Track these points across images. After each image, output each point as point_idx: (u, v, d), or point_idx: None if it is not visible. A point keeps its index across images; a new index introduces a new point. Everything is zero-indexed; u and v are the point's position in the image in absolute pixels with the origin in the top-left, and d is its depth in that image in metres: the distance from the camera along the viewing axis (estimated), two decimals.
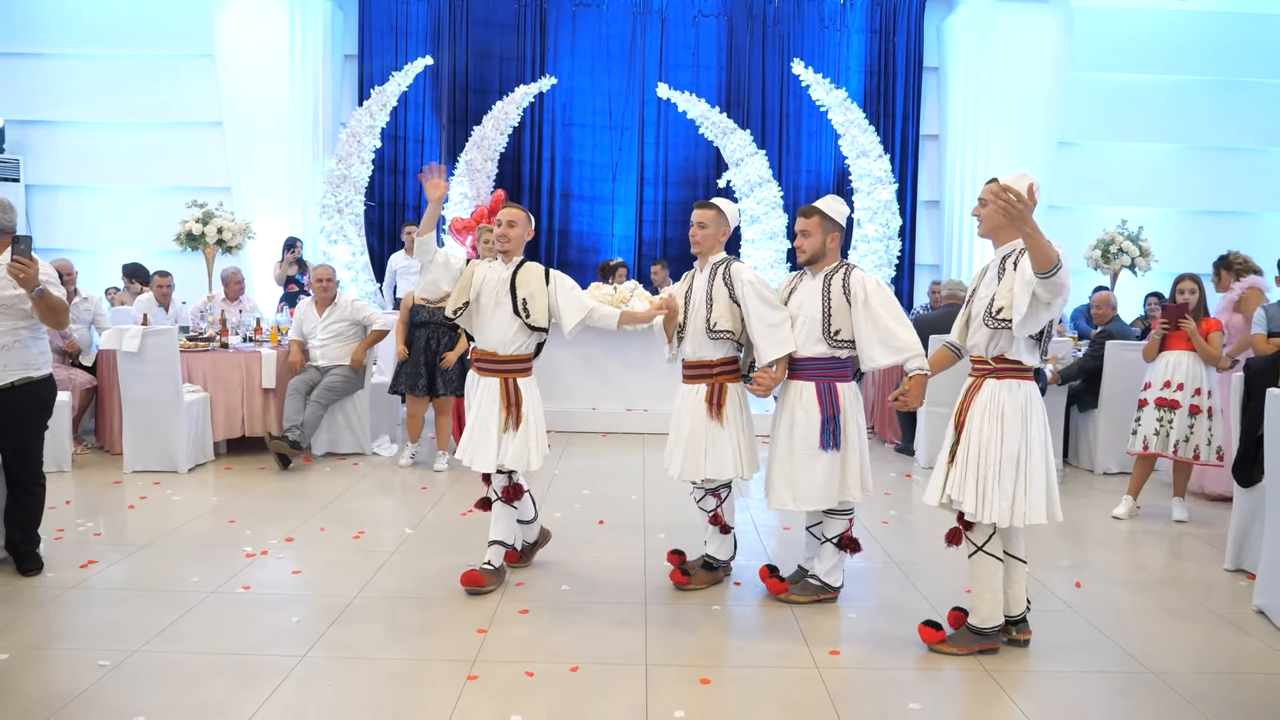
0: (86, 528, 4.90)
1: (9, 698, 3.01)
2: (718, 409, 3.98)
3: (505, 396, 4.00)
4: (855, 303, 3.79)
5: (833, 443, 3.80)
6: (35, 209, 10.69)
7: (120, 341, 6.00)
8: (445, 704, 3.02)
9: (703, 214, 4.08)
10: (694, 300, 4.07)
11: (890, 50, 10.93)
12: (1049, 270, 3.09)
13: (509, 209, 4.11)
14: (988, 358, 3.45)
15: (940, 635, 3.54)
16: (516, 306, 4.00)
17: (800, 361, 3.90)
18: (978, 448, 3.38)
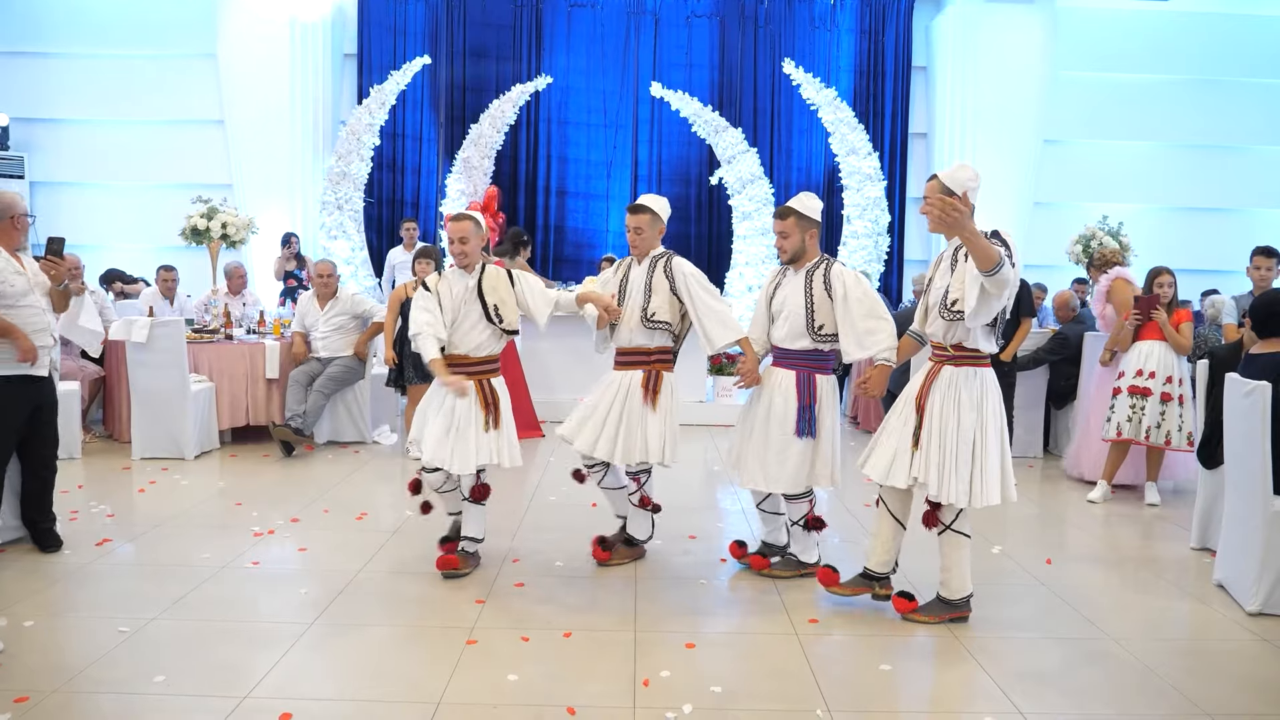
0: (99, 510, 5.10)
1: (38, 659, 3.21)
2: (653, 395, 4.11)
3: (483, 397, 4.03)
4: (836, 298, 3.93)
5: (808, 430, 3.96)
6: (40, 206, 10.86)
7: (129, 332, 6.20)
8: (446, 665, 3.22)
9: (637, 219, 4.20)
10: (631, 290, 4.22)
11: (879, 50, 11.15)
12: (992, 269, 3.24)
13: (458, 224, 4.07)
14: (946, 345, 3.63)
15: (913, 605, 3.74)
16: (489, 313, 4.06)
17: (785, 352, 4.07)
18: (939, 432, 3.55)
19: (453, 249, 4.10)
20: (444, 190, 10.56)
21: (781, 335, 4.07)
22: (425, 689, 3.04)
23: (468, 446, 3.96)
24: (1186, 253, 10.51)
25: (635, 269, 4.26)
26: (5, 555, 4.25)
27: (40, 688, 2.98)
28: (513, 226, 8.94)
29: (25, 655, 3.23)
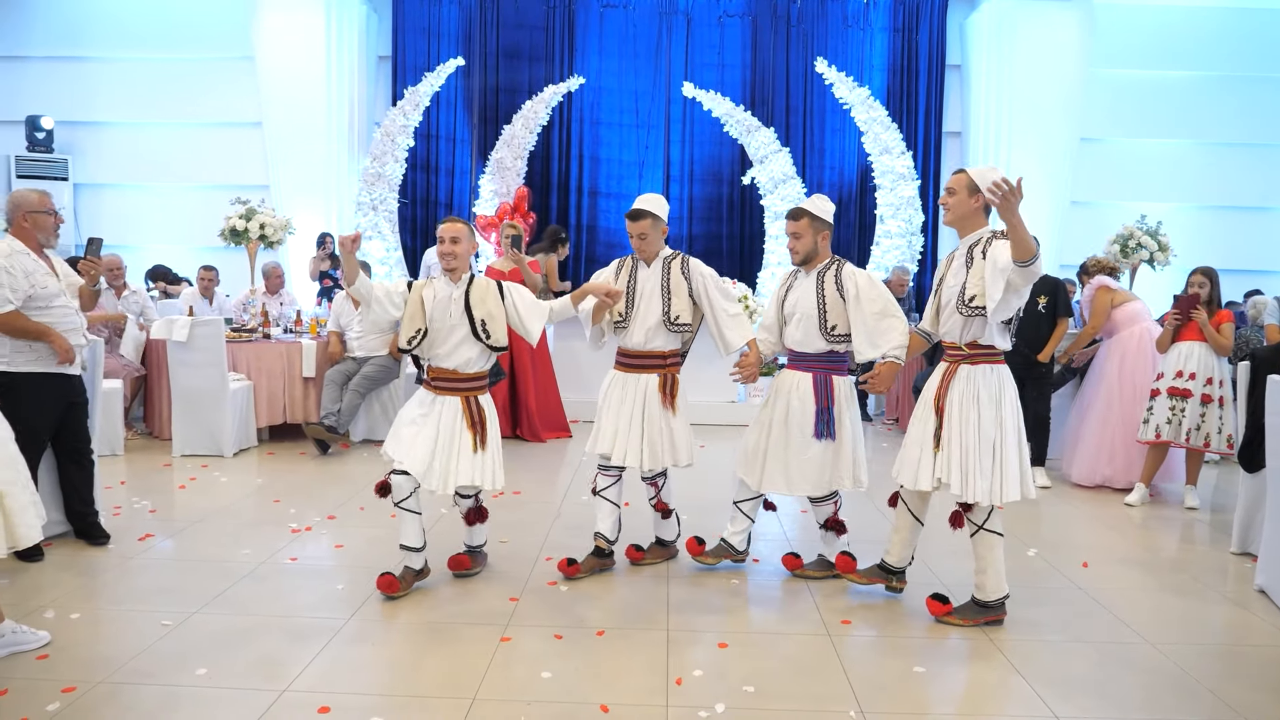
0: (141, 505, 5.20)
1: (85, 650, 3.29)
2: (671, 399, 4.09)
3: (469, 415, 3.84)
4: (849, 298, 3.95)
5: (827, 432, 3.96)
6: (83, 207, 11.08)
7: (170, 331, 6.32)
8: (481, 661, 3.26)
9: (639, 226, 4.10)
10: (644, 292, 4.13)
11: (913, 48, 11.07)
12: (1028, 260, 3.28)
13: (450, 224, 3.89)
14: (961, 344, 3.64)
15: (947, 608, 3.73)
16: (475, 329, 3.85)
17: (800, 355, 4.07)
18: (959, 432, 3.56)
19: (442, 250, 3.87)
20: (477, 191, 10.64)
21: (796, 338, 4.07)
22: (460, 685, 3.08)
23: (450, 466, 3.79)
24: (1228, 253, 10.34)
25: (644, 271, 4.17)
26: (52, 549, 4.35)
27: (87, 678, 3.06)
28: (551, 224, 8.99)
29: (72, 647, 3.31)
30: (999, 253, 3.42)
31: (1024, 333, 6.01)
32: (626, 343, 4.18)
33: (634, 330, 4.14)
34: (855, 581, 4.02)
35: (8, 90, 10.98)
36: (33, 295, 4.08)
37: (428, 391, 3.92)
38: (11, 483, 3.00)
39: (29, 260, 4.12)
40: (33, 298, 4.09)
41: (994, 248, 3.48)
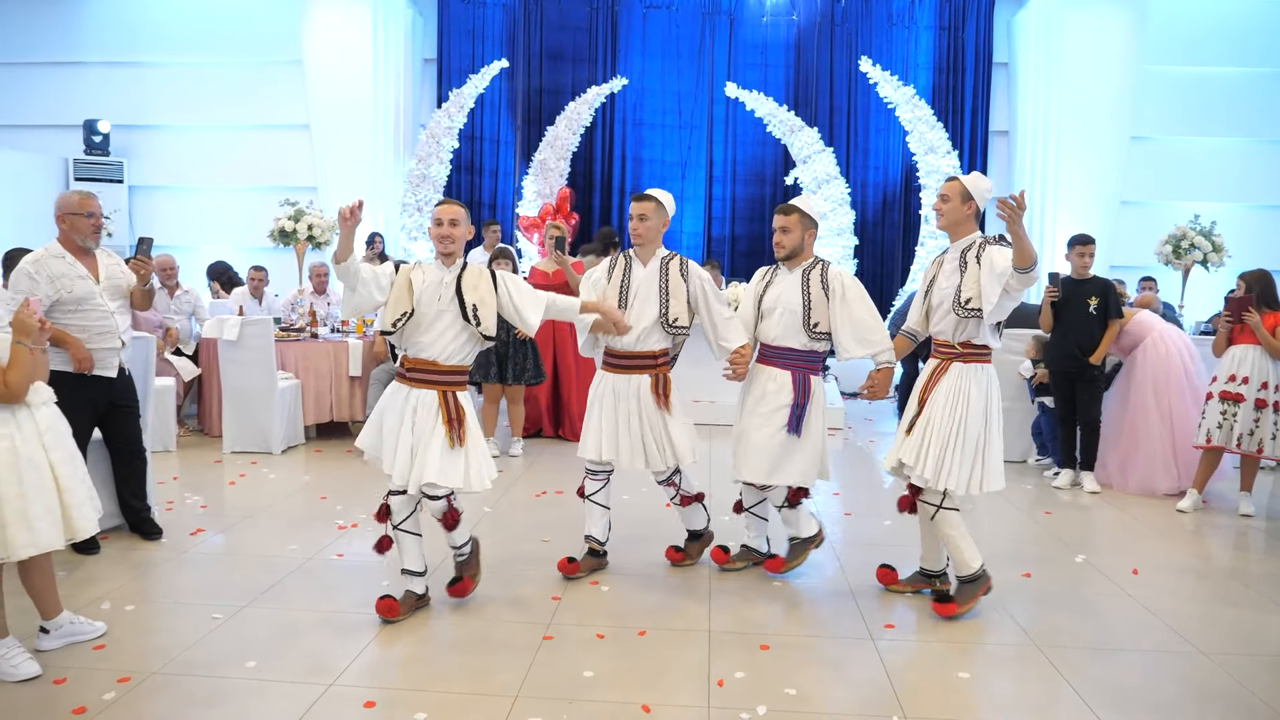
0: (193, 501, 5.32)
1: (139, 641, 3.38)
2: (665, 399, 4.05)
3: (446, 411, 3.54)
4: (834, 298, 3.98)
5: (796, 429, 3.98)
6: (138, 208, 11.35)
7: (221, 331, 6.45)
8: (523, 659, 3.29)
9: (643, 206, 4.08)
10: (639, 293, 4.08)
11: (959, 46, 10.94)
12: (1029, 266, 3.47)
13: (449, 206, 3.71)
14: (954, 343, 3.77)
15: (954, 606, 3.77)
16: (466, 313, 3.61)
17: (778, 351, 4.07)
18: (940, 422, 3.68)
19: (440, 233, 3.65)
20: (520, 192, 10.72)
21: (774, 334, 4.07)
22: (503, 682, 3.11)
23: (433, 461, 3.50)
24: None
25: (639, 270, 4.11)
26: (108, 543, 4.46)
27: (141, 669, 3.14)
28: (604, 227, 9.02)
29: (127, 638, 3.40)
30: (996, 258, 3.61)
31: (1076, 335, 5.93)
32: (616, 343, 4.09)
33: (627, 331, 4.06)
34: (898, 591, 4.03)
35: (67, 95, 11.28)
36: (60, 300, 4.08)
37: (401, 385, 3.64)
38: (70, 477, 3.09)
39: (60, 264, 4.11)
40: (60, 301, 4.08)
41: (989, 253, 3.66)
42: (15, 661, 3.05)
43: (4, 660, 3.05)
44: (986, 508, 5.61)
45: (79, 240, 4.18)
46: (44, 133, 11.20)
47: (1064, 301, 5.99)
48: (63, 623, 3.31)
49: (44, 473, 3.00)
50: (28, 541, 2.93)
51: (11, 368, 2.94)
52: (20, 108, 11.38)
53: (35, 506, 2.95)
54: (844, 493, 5.87)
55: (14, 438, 2.96)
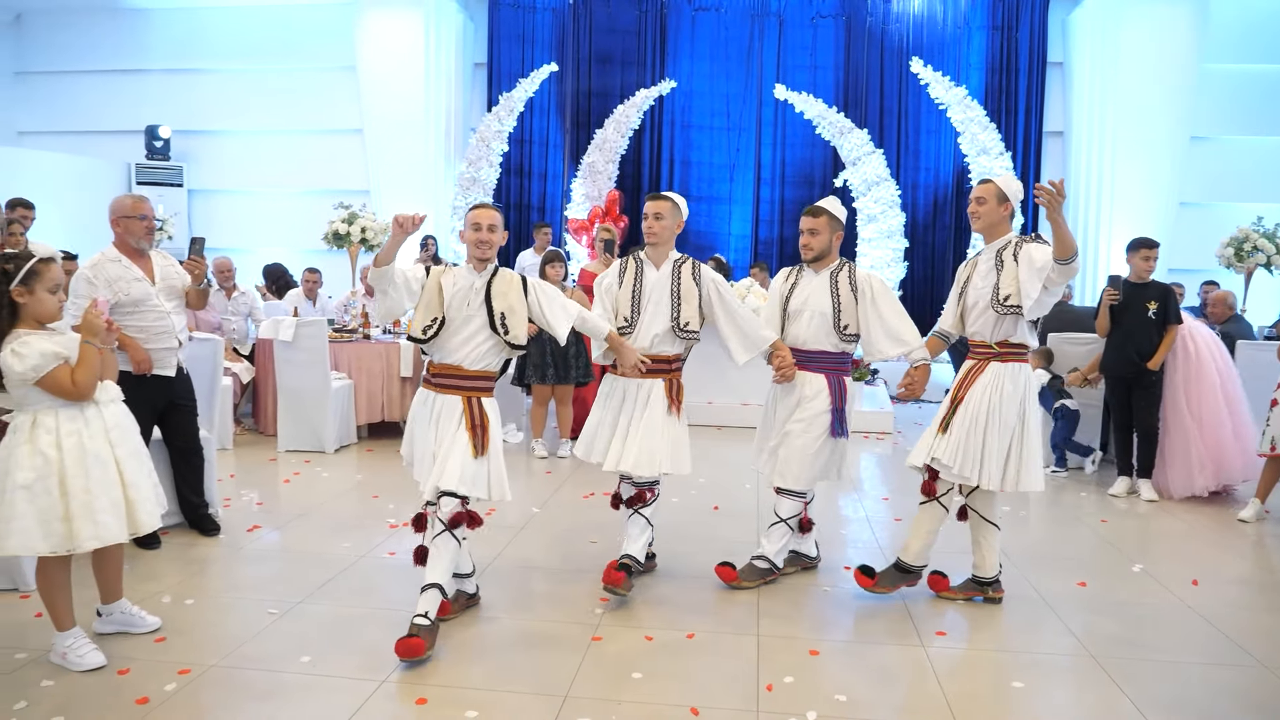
0: (249, 498, 5.43)
1: (199, 635, 3.46)
2: (678, 403, 4.00)
3: (470, 418, 3.45)
4: (863, 299, 4.00)
5: (843, 431, 4.01)
6: (196, 211, 11.63)
7: (277, 332, 6.58)
8: (572, 660, 3.31)
9: (659, 205, 4.03)
10: (652, 296, 4.00)
11: (1013, 46, 10.79)
12: (1069, 258, 3.51)
13: (489, 211, 3.59)
14: (991, 342, 3.82)
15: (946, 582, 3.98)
16: (494, 322, 3.52)
17: (809, 355, 4.06)
18: (975, 420, 3.73)
19: (479, 238, 3.53)
20: (569, 195, 10.78)
21: (803, 337, 4.06)
22: (552, 682, 3.13)
23: (446, 467, 3.39)
24: None
25: (652, 274, 4.04)
26: (168, 538, 4.57)
27: (200, 661, 3.21)
28: None
29: (187, 631, 3.48)
30: (1034, 253, 3.66)
31: (1135, 340, 5.81)
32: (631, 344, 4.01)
33: (640, 335, 4.00)
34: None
35: (129, 102, 11.60)
36: (118, 302, 4.17)
37: (427, 390, 3.58)
38: (134, 472, 3.18)
39: (116, 267, 4.21)
40: (118, 304, 4.16)
41: (1026, 250, 3.71)
42: (81, 652, 3.15)
43: (70, 651, 3.14)
44: (1040, 515, 5.53)
45: (133, 242, 4.28)
46: (108, 138, 11.54)
47: (1123, 306, 5.87)
48: (114, 610, 3.42)
49: (109, 468, 3.09)
50: (91, 534, 3.02)
51: (79, 367, 3.03)
52: (85, 114, 11.74)
53: (100, 500, 3.04)
54: (893, 498, 5.81)
55: (81, 434, 3.05)
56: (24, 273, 2.99)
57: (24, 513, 2.94)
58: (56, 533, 2.97)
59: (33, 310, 3.03)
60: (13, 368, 2.95)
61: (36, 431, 3.00)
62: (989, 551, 3.96)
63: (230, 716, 2.90)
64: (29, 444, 2.99)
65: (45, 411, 3.02)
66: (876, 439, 7.85)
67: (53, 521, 2.97)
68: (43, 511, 2.96)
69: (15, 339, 2.98)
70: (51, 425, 3.01)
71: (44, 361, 2.96)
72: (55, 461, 2.98)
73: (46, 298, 3.04)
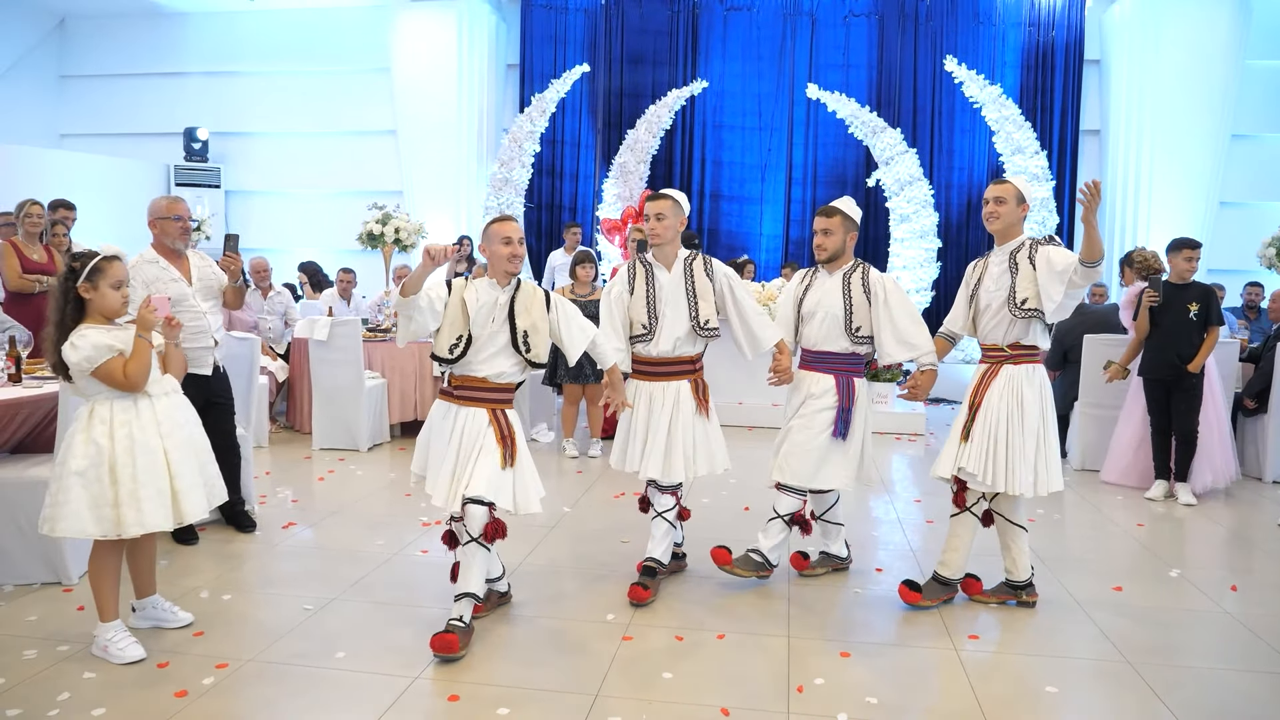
0: (284, 495, 5.50)
1: (236, 629, 3.52)
2: (705, 403, 3.98)
3: (499, 430, 3.41)
4: (876, 301, 3.96)
5: (844, 432, 3.94)
6: (233, 212, 11.79)
7: (312, 331, 6.66)
8: (603, 660, 3.32)
9: (659, 205, 3.93)
10: (666, 297, 3.94)
11: (1048, 44, 10.65)
12: (1096, 261, 3.47)
13: (513, 223, 3.53)
14: (1003, 345, 3.80)
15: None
16: (516, 340, 3.46)
17: (820, 355, 4.03)
18: (996, 426, 3.70)
19: (509, 251, 3.46)
20: (600, 195, 10.81)
21: (816, 337, 4.03)
22: (583, 680, 3.15)
23: (473, 475, 3.33)
24: None
25: (664, 277, 3.98)
26: (206, 534, 4.65)
27: (237, 656, 3.27)
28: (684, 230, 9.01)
29: (225, 626, 3.54)
30: (1054, 257, 3.64)
31: (1176, 342, 5.72)
32: (650, 351, 3.96)
33: (660, 337, 3.94)
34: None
35: (168, 104, 11.79)
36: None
37: (447, 403, 3.49)
38: (181, 464, 3.26)
39: (153, 269, 4.30)
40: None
41: (1043, 253, 3.68)
42: (122, 645, 3.22)
43: (111, 644, 3.21)
44: (1074, 518, 5.46)
45: (169, 243, 4.36)
46: (147, 140, 11.74)
47: (1163, 307, 5.78)
48: (147, 605, 3.49)
49: (157, 458, 3.19)
50: (135, 521, 3.11)
51: (132, 360, 3.15)
52: (126, 117, 11.94)
53: (146, 489, 3.14)
54: (925, 500, 5.77)
55: (132, 425, 3.17)
56: (89, 269, 3.12)
57: (77, 497, 3.08)
58: (106, 518, 3.10)
59: (98, 305, 3.16)
60: (70, 358, 3.08)
61: (92, 421, 3.14)
62: (1019, 554, 3.92)
63: (266, 711, 2.94)
64: (85, 433, 3.13)
65: (102, 402, 3.16)
66: (909, 440, 7.81)
67: (103, 507, 3.10)
68: (94, 497, 3.09)
69: (76, 332, 3.12)
70: (106, 415, 3.14)
71: (97, 353, 3.08)
72: (107, 450, 3.11)
73: (110, 293, 3.16)
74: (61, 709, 2.88)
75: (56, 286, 3.18)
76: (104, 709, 2.88)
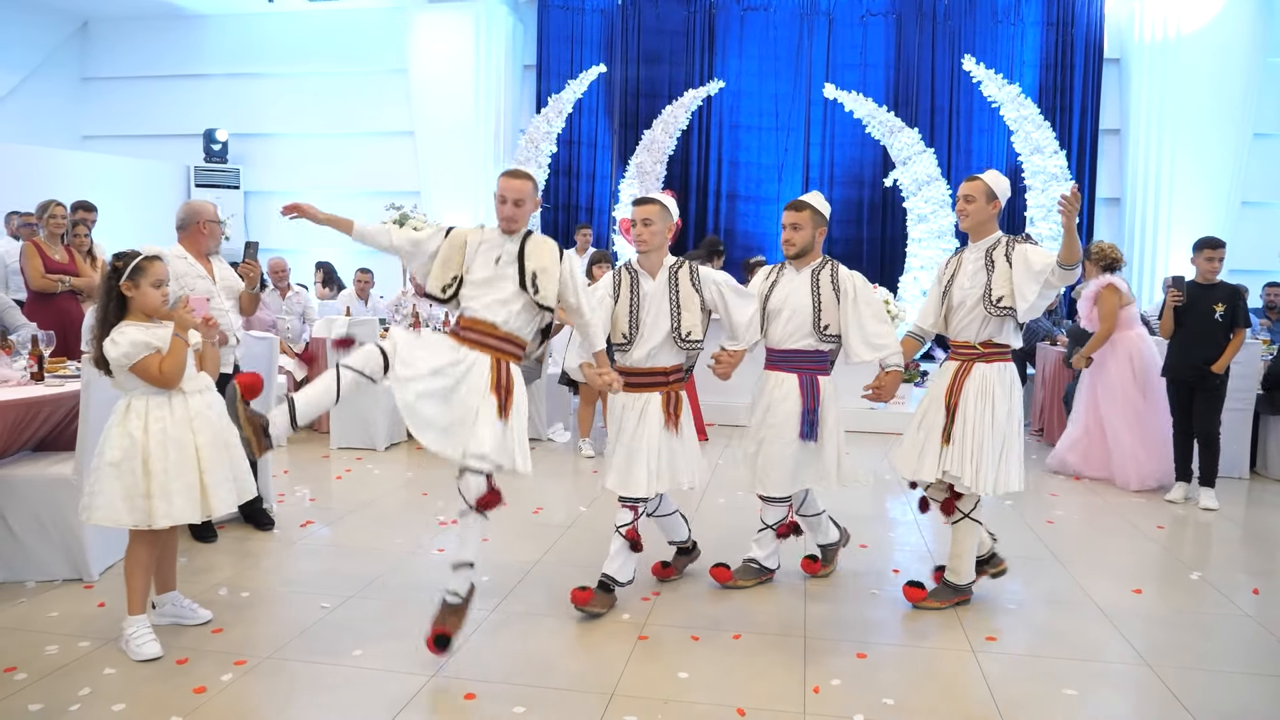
0: (302, 494, 5.53)
1: (254, 628, 3.54)
2: (675, 419, 3.80)
3: (496, 378, 3.32)
4: (845, 299, 3.88)
5: (811, 434, 3.86)
6: (252, 213, 11.87)
7: (330, 331, 6.70)
8: (619, 659, 3.32)
9: (647, 210, 3.78)
10: (648, 305, 3.79)
11: (1067, 42, 10.59)
12: (1075, 263, 3.50)
13: (516, 180, 3.47)
14: (975, 343, 3.79)
15: (923, 593, 3.82)
16: (524, 280, 3.39)
17: (784, 354, 3.95)
18: (973, 426, 3.69)
19: (504, 210, 3.44)
20: (617, 195, 10.82)
21: (781, 335, 3.94)
22: (599, 680, 3.15)
23: (482, 429, 3.25)
24: None
25: (648, 284, 3.82)
26: (224, 532, 4.68)
27: (255, 653, 3.29)
28: (710, 235, 9.03)
29: (243, 623, 3.56)
30: (1031, 256, 3.63)
31: (1200, 343, 5.65)
32: (626, 361, 3.84)
33: (636, 346, 3.81)
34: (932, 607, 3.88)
35: (189, 106, 11.89)
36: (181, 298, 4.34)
37: (452, 340, 3.39)
38: (211, 459, 3.32)
39: (184, 264, 4.39)
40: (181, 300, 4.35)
41: (1021, 251, 3.67)
42: (141, 641, 3.25)
43: (132, 639, 3.25)
44: (1093, 520, 5.42)
45: (212, 245, 4.53)
46: (167, 142, 11.85)
47: (1187, 307, 5.71)
48: (166, 602, 3.53)
49: (188, 452, 3.25)
50: (165, 512, 3.18)
51: (168, 357, 3.22)
52: (146, 119, 12.05)
53: (176, 483, 3.20)
54: None
55: (166, 420, 3.24)
56: (131, 268, 3.19)
57: (111, 488, 3.16)
58: (139, 508, 3.17)
59: (139, 303, 3.23)
60: (110, 353, 3.16)
61: (128, 415, 3.22)
62: (962, 559, 3.88)
63: (284, 707, 2.96)
64: (121, 425, 3.21)
65: (138, 397, 3.24)
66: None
67: (136, 498, 3.17)
68: (128, 488, 3.17)
69: (116, 329, 3.19)
70: (141, 410, 3.22)
71: (134, 350, 3.16)
72: (140, 443, 3.19)
73: (151, 292, 3.23)
74: (82, 704, 2.91)
75: (100, 285, 3.28)
76: (124, 704, 2.90)
